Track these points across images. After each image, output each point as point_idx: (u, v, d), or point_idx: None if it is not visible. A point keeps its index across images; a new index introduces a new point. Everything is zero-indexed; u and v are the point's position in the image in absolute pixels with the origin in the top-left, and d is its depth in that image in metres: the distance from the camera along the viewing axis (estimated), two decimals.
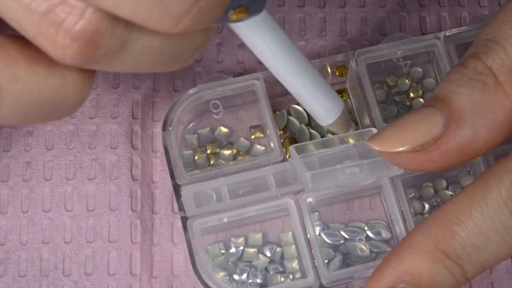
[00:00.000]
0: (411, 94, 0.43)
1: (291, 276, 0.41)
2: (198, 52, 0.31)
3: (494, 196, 0.31)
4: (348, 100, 0.44)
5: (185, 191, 0.40)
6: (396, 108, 0.43)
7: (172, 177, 0.40)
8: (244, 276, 0.41)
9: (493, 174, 0.32)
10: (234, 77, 0.42)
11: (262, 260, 0.41)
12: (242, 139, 0.43)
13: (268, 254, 0.41)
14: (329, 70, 0.43)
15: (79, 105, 0.30)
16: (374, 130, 0.39)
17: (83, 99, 0.30)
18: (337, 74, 0.43)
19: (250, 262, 0.41)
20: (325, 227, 0.42)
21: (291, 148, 0.39)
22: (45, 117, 0.30)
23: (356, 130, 0.43)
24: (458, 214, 0.32)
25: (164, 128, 0.41)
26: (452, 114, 0.32)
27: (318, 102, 0.39)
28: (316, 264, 0.39)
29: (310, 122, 0.43)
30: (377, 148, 0.34)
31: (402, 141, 0.33)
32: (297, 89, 0.38)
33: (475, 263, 0.32)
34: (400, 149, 0.33)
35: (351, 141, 0.39)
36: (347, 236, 0.41)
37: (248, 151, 0.43)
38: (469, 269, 0.32)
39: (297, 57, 0.37)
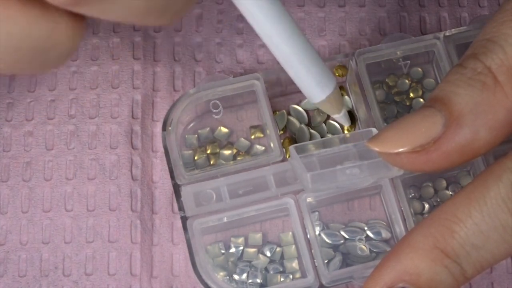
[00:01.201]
0: (411, 94, 0.43)
1: (291, 276, 0.41)
2: (189, 6, 0.30)
3: (493, 195, 0.31)
4: (348, 99, 0.44)
5: (185, 191, 0.40)
6: (396, 108, 0.43)
7: (172, 177, 0.40)
8: (244, 276, 0.41)
9: (492, 173, 0.32)
10: (234, 77, 0.42)
11: (262, 260, 0.41)
12: (242, 139, 0.43)
13: (268, 254, 0.41)
14: None
15: (69, 55, 0.30)
16: (374, 130, 0.39)
17: (73, 48, 0.30)
18: (337, 74, 0.43)
19: (250, 262, 0.41)
20: (325, 227, 0.42)
21: (291, 148, 0.39)
22: (35, 65, 0.30)
23: (354, 127, 0.43)
24: (457, 213, 0.32)
25: (164, 128, 0.41)
26: (451, 115, 0.32)
27: (310, 74, 0.37)
28: (316, 264, 0.39)
29: (310, 122, 0.44)
30: (377, 149, 0.34)
31: (402, 142, 0.33)
32: (290, 58, 0.37)
33: (475, 262, 0.32)
34: (400, 150, 0.33)
35: (348, 135, 0.39)
36: (347, 236, 0.41)
37: (248, 151, 0.43)
38: (469, 268, 0.32)
39: (292, 25, 0.36)
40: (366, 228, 0.42)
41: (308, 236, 0.39)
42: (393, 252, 0.33)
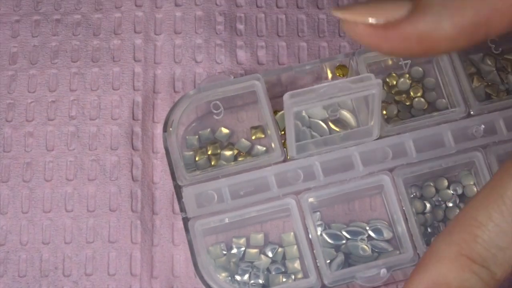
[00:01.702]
0: (412, 94, 0.43)
1: (293, 276, 0.41)
2: None
3: (511, 194, 0.31)
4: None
5: (187, 192, 0.40)
6: (397, 107, 0.43)
7: (173, 178, 0.40)
8: (246, 276, 0.41)
9: (506, 171, 0.31)
10: (234, 77, 0.42)
11: (264, 261, 0.41)
12: (243, 139, 0.43)
13: (270, 254, 0.41)
14: (329, 70, 0.43)
15: None
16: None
17: None
18: (338, 73, 0.43)
19: (252, 262, 0.41)
20: (326, 227, 0.42)
21: (285, 95, 0.38)
22: None
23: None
24: (477, 216, 0.31)
25: (165, 129, 0.41)
26: (420, 2, 0.31)
27: None
28: (318, 264, 0.39)
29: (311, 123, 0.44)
30: (339, 15, 0.33)
31: (363, 14, 0.32)
32: None
33: (502, 263, 0.31)
34: (359, 20, 0.32)
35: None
36: (348, 236, 0.41)
37: (249, 152, 0.43)
38: (497, 270, 0.31)
39: None
40: (367, 228, 0.42)
41: (310, 236, 0.39)
42: (420, 264, 0.32)
